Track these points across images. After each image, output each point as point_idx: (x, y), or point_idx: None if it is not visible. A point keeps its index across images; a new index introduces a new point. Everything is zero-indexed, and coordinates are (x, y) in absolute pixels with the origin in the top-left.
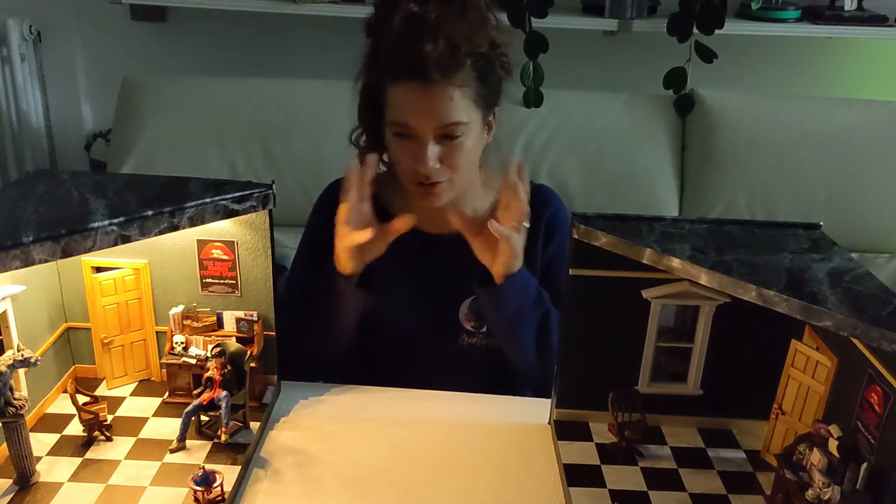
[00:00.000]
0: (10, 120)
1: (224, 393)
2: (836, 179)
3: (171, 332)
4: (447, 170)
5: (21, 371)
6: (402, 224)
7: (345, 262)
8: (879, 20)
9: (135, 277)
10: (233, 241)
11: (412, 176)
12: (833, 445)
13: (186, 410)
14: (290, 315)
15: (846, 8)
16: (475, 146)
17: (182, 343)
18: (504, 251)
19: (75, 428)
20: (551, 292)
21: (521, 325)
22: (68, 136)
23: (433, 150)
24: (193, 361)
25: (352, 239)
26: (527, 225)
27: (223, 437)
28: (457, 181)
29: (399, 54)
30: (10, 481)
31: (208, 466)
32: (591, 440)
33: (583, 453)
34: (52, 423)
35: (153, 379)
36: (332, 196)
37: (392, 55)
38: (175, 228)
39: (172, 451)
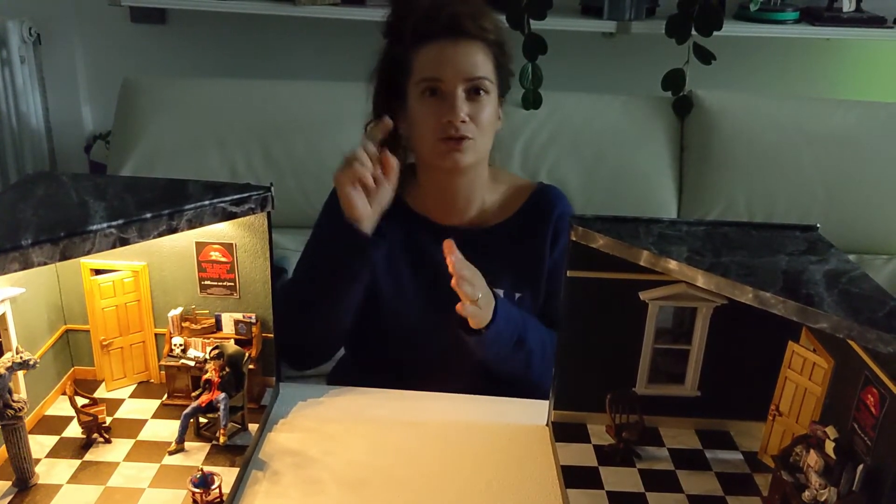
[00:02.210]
0: (10, 122)
1: (222, 395)
2: (834, 180)
3: (170, 334)
4: (473, 126)
5: (20, 373)
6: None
7: (353, 203)
8: (878, 21)
9: (134, 279)
10: (231, 244)
11: (439, 132)
12: (829, 447)
13: (185, 412)
14: (293, 304)
15: (844, 9)
16: (493, 118)
17: (181, 345)
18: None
19: (74, 430)
20: (556, 296)
21: (499, 364)
22: (68, 137)
23: (462, 101)
24: (192, 363)
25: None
26: (479, 294)
27: (222, 439)
28: (480, 143)
29: (431, 16)
30: (10, 483)
31: (207, 468)
32: (589, 441)
33: (581, 455)
34: (52, 425)
35: (152, 381)
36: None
37: (424, 18)
38: (174, 231)
39: (171, 453)
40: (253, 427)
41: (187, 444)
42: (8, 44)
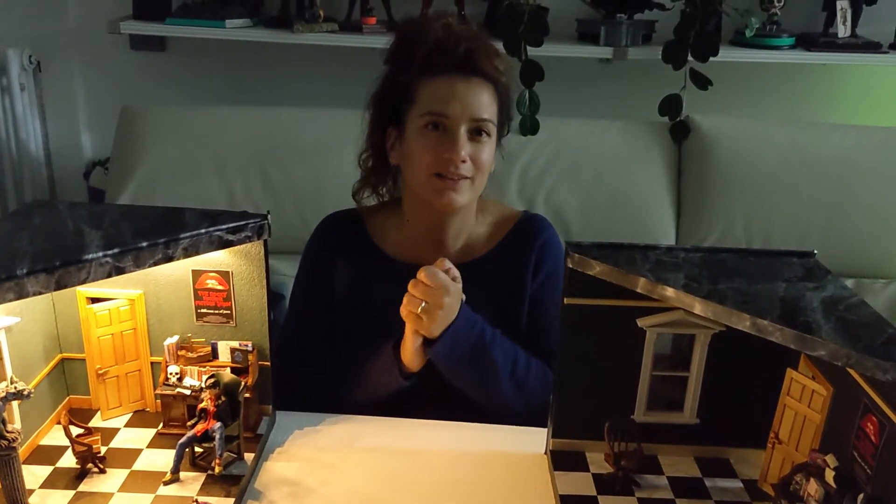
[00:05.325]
0: (10, 149)
1: (218, 424)
2: (832, 204)
3: (166, 362)
4: (472, 167)
5: (14, 403)
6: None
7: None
8: (873, 47)
9: (130, 308)
10: (228, 272)
11: (436, 167)
12: (829, 475)
13: (180, 442)
14: (299, 371)
15: (840, 35)
16: (492, 160)
17: (177, 374)
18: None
19: (69, 460)
20: (538, 326)
21: (458, 377)
22: (67, 164)
23: (465, 141)
24: (188, 392)
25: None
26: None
27: (217, 469)
28: (477, 183)
29: (447, 49)
30: None
31: (202, 499)
32: (588, 470)
33: (579, 483)
34: (46, 455)
35: (148, 410)
36: (323, 236)
37: (437, 50)
38: (170, 259)
39: (166, 483)
40: (249, 456)
41: (182, 474)
42: (8, 71)
